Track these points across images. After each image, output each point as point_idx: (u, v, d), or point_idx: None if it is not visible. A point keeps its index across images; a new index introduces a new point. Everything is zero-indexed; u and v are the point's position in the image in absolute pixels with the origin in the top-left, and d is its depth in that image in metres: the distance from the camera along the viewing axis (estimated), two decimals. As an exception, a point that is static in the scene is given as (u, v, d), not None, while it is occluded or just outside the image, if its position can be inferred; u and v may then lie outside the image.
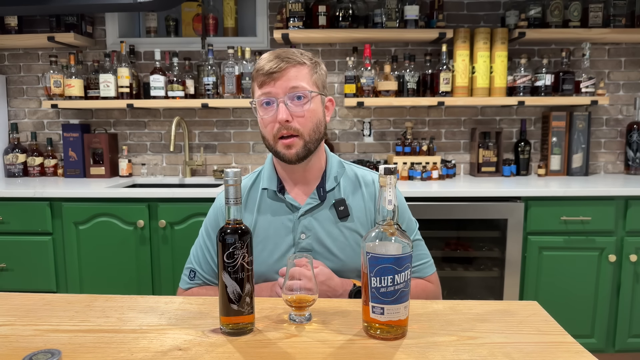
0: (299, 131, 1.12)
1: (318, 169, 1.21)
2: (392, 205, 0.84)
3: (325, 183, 1.20)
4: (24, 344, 0.85)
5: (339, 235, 1.17)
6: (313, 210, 1.18)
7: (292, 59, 1.11)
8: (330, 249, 1.16)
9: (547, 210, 2.23)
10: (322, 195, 1.19)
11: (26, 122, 2.92)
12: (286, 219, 1.18)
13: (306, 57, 1.15)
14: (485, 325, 0.91)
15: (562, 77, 2.63)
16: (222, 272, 0.85)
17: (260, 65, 1.12)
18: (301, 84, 1.11)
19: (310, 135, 1.13)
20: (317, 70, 1.16)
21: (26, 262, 2.32)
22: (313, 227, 1.17)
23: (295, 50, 1.15)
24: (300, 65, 1.12)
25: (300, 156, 1.13)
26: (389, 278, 0.82)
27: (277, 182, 1.21)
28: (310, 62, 1.15)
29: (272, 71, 1.09)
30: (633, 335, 2.30)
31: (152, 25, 2.84)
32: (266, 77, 1.10)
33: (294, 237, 1.17)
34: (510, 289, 2.27)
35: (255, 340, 0.86)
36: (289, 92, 1.10)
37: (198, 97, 2.71)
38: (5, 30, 2.69)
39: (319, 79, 1.16)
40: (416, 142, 2.71)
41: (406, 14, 2.55)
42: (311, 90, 1.12)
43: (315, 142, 1.15)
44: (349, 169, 1.26)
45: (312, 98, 1.13)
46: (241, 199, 0.88)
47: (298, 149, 1.13)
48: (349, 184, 1.23)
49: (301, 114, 1.11)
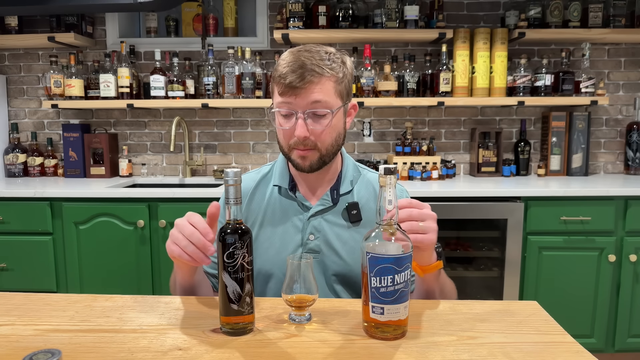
0: (317, 146, 1.08)
1: (333, 172, 1.19)
2: (392, 205, 0.84)
3: (340, 186, 1.18)
4: (24, 344, 0.85)
5: (348, 239, 1.15)
6: (324, 212, 1.16)
7: (316, 72, 1.03)
8: (339, 251, 1.14)
9: (546, 210, 2.23)
10: (335, 198, 1.16)
11: (26, 122, 2.92)
12: (296, 218, 1.16)
13: (335, 65, 1.07)
14: (485, 325, 0.91)
15: (562, 77, 2.63)
16: (222, 272, 0.85)
17: (283, 71, 1.04)
18: (324, 100, 1.04)
19: (327, 150, 1.10)
20: (343, 78, 1.09)
21: (26, 262, 2.32)
22: (323, 228, 1.15)
23: (323, 53, 1.06)
24: (326, 79, 1.05)
25: (314, 168, 1.10)
26: (389, 278, 0.82)
27: (290, 179, 1.18)
28: (338, 70, 1.07)
29: (294, 85, 1.03)
30: (633, 335, 2.30)
31: (152, 25, 2.84)
32: (288, 87, 1.03)
33: (302, 237, 1.15)
34: (510, 289, 2.28)
35: (255, 340, 0.86)
36: (310, 108, 1.04)
37: (198, 97, 2.71)
38: (6, 30, 2.69)
39: (344, 88, 1.10)
40: (416, 142, 2.71)
41: (406, 14, 2.55)
42: (335, 108, 1.07)
43: (332, 154, 1.12)
44: (365, 174, 1.23)
45: (334, 114, 1.07)
46: (241, 199, 0.87)
47: (313, 161, 1.09)
48: (363, 189, 1.20)
49: (320, 132, 1.07)
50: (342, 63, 1.10)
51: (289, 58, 1.06)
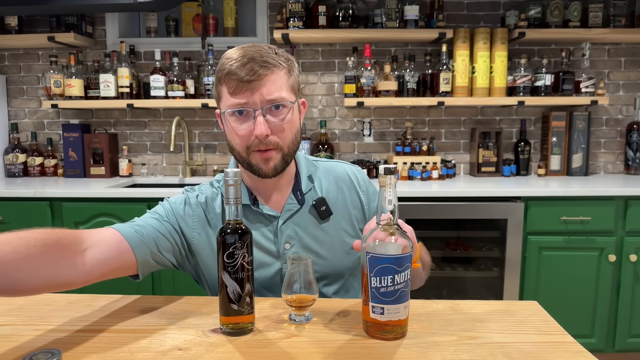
0: (279, 144, 1.02)
1: (291, 174, 1.13)
2: (392, 205, 0.84)
3: (301, 185, 1.12)
4: (24, 344, 0.85)
5: (324, 237, 1.11)
6: (293, 217, 1.11)
7: (269, 63, 0.98)
8: (318, 252, 1.11)
9: (547, 210, 2.23)
10: (300, 199, 1.11)
11: (26, 122, 2.92)
12: (266, 230, 1.10)
13: (282, 58, 1.02)
14: (485, 325, 0.91)
15: (562, 77, 2.63)
16: (222, 272, 0.85)
17: (231, 68, 0.97)
18: (281, 94, 0.99)
19: (289, 148, 1.04)
20: (292, 71, 1.04)
21: (26, 262, 2.32)
22: (296, 234, 1.10)
23: (267, 48, 1.01)
24: (278, 70, 1.00)
25: (277, 171, 1.04)
26: (389, 278, 0.82)
27: (248, 193, 1.10)
28: (287, 64, 1.02)
29: (248, 79, 0.96)
30: (633, 335, 2.30)
31: (152, 25, 2.84)
32: (240, 84, 0.97)
33: (277, 249, 1.10)
34: (510, 289, 2.28)
35: (255, 340, 0.86)
36: (267, 104, 0.98)
37: (198, 97, 2.71)
38: (6, 30, 2.69)
39: (295, 82, 1.05)
40: (416, 142, 2.71)
41: (406, 14, 2.55)
42: (292, 101, 1.02)
43: (293, 153, 1.06)
44: (320, 166, 1.19)
45: (291, 107, 1.02)
46: (241, 199, 0.87)
47: (276, 162, 1.03)
48: (324, 180, 1.16)
49: (281, 128, 1.01)
50: (291, 62, 1.05)
51: (236, 54, 0.99)
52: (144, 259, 1.00)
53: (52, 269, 0.85)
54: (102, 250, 0.94)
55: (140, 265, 1.00)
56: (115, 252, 0.96)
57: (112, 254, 0.96)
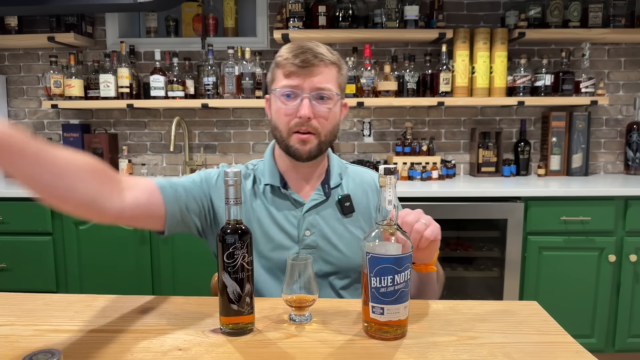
0: (317, 130, 1.10)
1: (323, 166, 1.21)
2: (392, 205, 0.84)
3: (330, 180, 1.20)
4: (24, 344, 0.85)
5: (343, 232, 1.17)
6: (317, 207, 1.17)
7: (324, 56, 1.09)
8: (336, 245, 1.16)
9: (547, 210, 2.23)
10: (327, 192, 1.18)
11: (26, 122, 2.92)
12: (290, 215, 1.16)
13: (335, 57, 1.13)
14: (485, 325, 0.91)
15: (562, 77, 2.63)
16: (222, 272, 0.85)
17: (289, 54, 1.09)
18: (328, 85, 1.10)
19: (326, 136, 1.13)
20: (342, 70, 1.15)
21: (26, 262, 2.32)
22: (318, 223, 1.16)
23: (323, 45, 1.13)
24: (330, 65, 1.11)
25: (312, 154, 1.12)
26: (388, 278, 0.82)
27: (280, 178, 1.19)
28: (338, 62, 1.14)
29: (303, 65, 1.07)
30: (633, 335, 2.30)
31: (152, 26, 2.84)
32: (296, 68, 1.08)
33: (298, 234, 1.16)
34: (510, 289, 2.28)
35: (255, 340, 0.86)
36: (315, 91, 1.09)
37: (198, 97, 2.71)
38: (5, 30, 2.69)
39: (343, 81, 1.16)
40: (416, 142, 2.71)
41: (406, 14, 2.55)
42: (337, 93, 1.12)
43: (328, 143, 1.15)
44: (350, 168, 1.28)
45: (336, 101, 1.12)
46: (241, 198, 0.87)
47: (312, 146, 1.11)
48: (351, 181, 1.23)
49: (324, 114, 1.10)
50: (342, 63, 1.16)
51: (294, 45, 1.11)
52: (172, 213, 1.07)
53: (97, 188, 0.91)
54: (137, 194, 1.01)
55: (168, 218, 1.06)
56: (148, 199, 1.03)
57: (145, 200, 1.02)
